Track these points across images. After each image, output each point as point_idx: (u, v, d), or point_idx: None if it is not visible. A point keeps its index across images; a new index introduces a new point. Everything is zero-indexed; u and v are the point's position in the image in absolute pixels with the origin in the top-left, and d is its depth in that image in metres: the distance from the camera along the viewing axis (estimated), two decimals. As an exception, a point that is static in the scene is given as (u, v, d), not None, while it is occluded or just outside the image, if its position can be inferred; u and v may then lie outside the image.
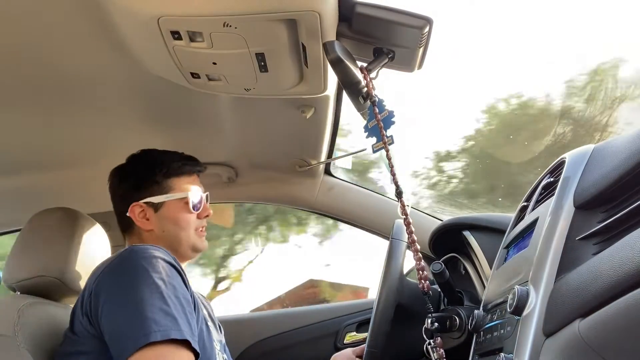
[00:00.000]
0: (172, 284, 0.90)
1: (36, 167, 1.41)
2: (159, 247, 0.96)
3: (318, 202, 1.76)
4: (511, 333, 0.68)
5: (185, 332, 0.84)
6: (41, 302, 1.02)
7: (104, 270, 0.93)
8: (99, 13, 0.86)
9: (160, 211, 1.13)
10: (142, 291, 0.85)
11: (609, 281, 0.47)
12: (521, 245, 0.84)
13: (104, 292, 0.89)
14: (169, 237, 1.13)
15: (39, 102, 1.13)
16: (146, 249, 0.93)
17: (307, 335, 1.77)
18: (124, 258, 0.92)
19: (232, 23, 0.85)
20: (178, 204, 1.14)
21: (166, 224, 1.13)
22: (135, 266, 0.89)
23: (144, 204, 1.13)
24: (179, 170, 1.17)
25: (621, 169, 0.58)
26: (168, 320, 0.83)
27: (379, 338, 1.08)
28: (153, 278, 0.87)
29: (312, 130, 1.34)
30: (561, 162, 0.82)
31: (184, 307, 0.89)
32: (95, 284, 0.91)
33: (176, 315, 0.85)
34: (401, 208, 0.86)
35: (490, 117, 3.21)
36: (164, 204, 1.13)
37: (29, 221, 1.13)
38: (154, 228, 1.13)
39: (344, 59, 0.88)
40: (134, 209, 1.13)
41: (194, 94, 1.12)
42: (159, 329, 0.81)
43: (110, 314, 0.86)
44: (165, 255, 0.94)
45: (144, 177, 1.15)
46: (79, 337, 0.90)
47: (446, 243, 1.42)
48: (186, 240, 1.14)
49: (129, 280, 0.88)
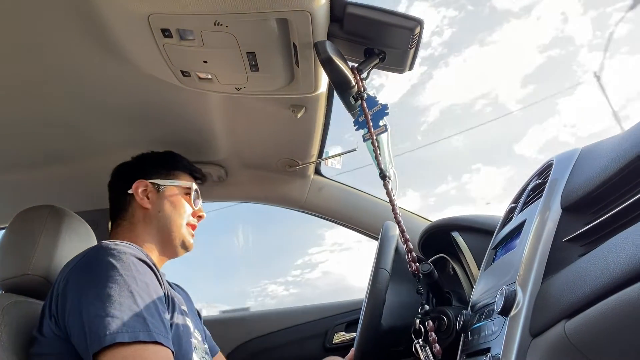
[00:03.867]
0: (144, 281, 0.87)
1: (23, 164, 1.39)
2: (130, 244, 0.94)
3: (308, 202, 1.76)
4: (498, 333, 0.69)
5: (154, 333, 0.81)
6: (26, 300, 1.01)
7: (71, 269, 0.90)
8: (89, 10, 0.85)
9: (162, 192, 1.18)
10: (110, 289, 0.82)
11: (595, 283, 0.47)
12: (509, 246, 0.84)
13: (70, 291, 0.86)
14: (162, 219, 1.14)
15: (27, 99, 1.11)
16: (116, 245, 0.90)
17: (296, 335, 1.76)
18: (92, 255, 0.89)
19: (223, 21, 0.84)
20: (180, 192, 1.20)
21: (165, 204, 1.16)
22: (103, 263, 0.86)
23: (149, 183, 1.18)
24: (184, 168, 1.25)
25: (607, 172, 0.59)
26: (137, 322, 0.81)
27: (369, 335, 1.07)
28: (123, 275, 0.84)
29: (303, 130, 1.34)
30: (549, 164, 0.83)
31: (157, 306, 0.87)
32: (62, 283, 0.88)
33: (146, 314, 0.83)
34: (385, 190, 0.86)
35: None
36: (168, 188, 1.19)
37: (14, 218, 1.12)
38: (151, 207, 1.15)
39: (335, 59, 0.88)
40: (139, 185, 1.17)
41: (184, 92, 1.11)
42: (127, 329, 0.79)
43: (77, 312, 0.82)
44: (136, 252, 0.92)
45: (153, 162, 1.23)
46: (46, 338, 0.87)
47: (435, 244, 1.43)
48: (178, 227, 1.16)
49: (96, 278, 0.84)
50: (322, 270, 8.13)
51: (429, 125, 13.79)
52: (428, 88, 14.50)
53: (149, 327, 0.82)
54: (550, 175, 0.78)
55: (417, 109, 14.10)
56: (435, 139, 10.41)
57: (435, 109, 14.23)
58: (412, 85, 13.63)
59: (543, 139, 11.43)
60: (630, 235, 0.45)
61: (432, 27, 17.05)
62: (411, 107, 13.10)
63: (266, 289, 3.53)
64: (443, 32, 17.15)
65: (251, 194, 1.77)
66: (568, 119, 15.20)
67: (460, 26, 18.06)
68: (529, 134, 13.22)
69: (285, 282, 3.39)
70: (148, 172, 1.20)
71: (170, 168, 1.22)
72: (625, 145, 0.57)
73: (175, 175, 1.22)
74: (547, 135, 11.39)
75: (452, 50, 15.32)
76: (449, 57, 15.47)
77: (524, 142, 12.51)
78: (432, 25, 17.93)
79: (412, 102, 14.33)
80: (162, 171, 1.21)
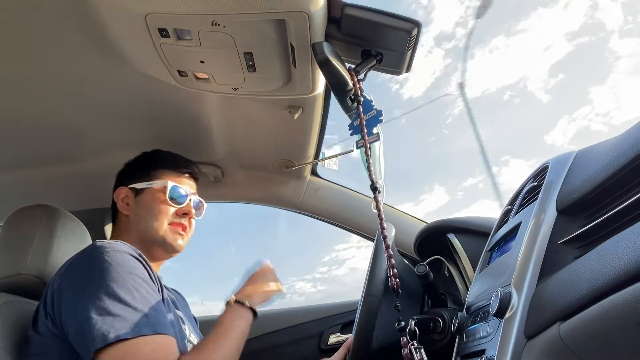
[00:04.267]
0: (139, 276, 0.89)
1: (18, 163, 1.39)
2: (123, 243, 0.95)
3: (304, 203, 1.76)
4: (493, 335, 0.69)
5: (154, 325, 0.84)
6: (20, 300, 1.00)
7: (67, 268, 0.91)
8: (86, 10, 0.85)
9: (139, 197, 1.16)
10: (106, 287, 0.84)
11: (590, 285, 0.48)
12: (504, 248, 0.85)
13: (66, 290, 0.87)
14: (140, 223, 1.13)
15: (23, 98, 1.11)
16: (109, 244, 0.92)
17: (292, 336, 1.76)
18: (86, 254, 0.91)
19: (220, 22, 0.84)
20: (156, 193, 1.15)
21: (140, 209, 1.14)
22: (98, 261, 0.87)
23: (128, 189, 1.17)
24: (166, 165, 1.20)
25: (603, 175, 0.59)
26: (136, 316, 0.83)
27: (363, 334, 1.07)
28: (118, 272, 0.86)
29: (300, 130, 1.34)
30: (545, 167, 0.83)
31: (153, 298, 0.89)
32: (58, 282, 0.89)
33: (144, 308, 0.85)
34: (375, 203, 0.86)
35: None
36: (145, 190, 1.16)
37: (8, 218, 1.11)
38: (130, 213, 1.15)
39: (332, 61, 0.88)
40: (119, 192, 1.18)
41: (181, 92, 1.11)
42: (127, 325, 0.81)
43: (74, 311, 0.84)
44: (128, 249, 0.93)
45: (133, 167, 1.21)
46: (42, 337, 0.87)
47: (431, 246, 1.43)
48: (157, 230, 1.11)
49: (92, 276, 0.86)
50: (349, 267, 8.09)
51: (454, 118, 13.76)
52: (453, 80, 14.52)
53: (149, 320, 0.83)
54: (545, 178, 0.78)
55: (442, 102, 14.12)
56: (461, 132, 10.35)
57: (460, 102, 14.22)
58: (436, 79, 13.70)
59: (574, 128, 11.43)
60: (625, 238, 0.45)
61: (455, 19, 16.95)
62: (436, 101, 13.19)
63: (294, 286, 3.52)
64: (467, 23, 17.06)
65: (247, 194, 1.77)
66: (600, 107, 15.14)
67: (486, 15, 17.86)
68: (559, 125, 13.19)
69: (313, 279, 3.38)
70: (128, 178, 1.19)
71: (149, 169, 1.18)
72: (620, 148, 0.57)
73: (155, 176, 1.17)
74: (578, 125, 11.39)
75: (477, 41, 15.31)
76: (474, 48, 15.44)
77: (555, 133, 12.49)
78: (456, 17, 17.82)
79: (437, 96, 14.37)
80: (139, 174, 1.18)
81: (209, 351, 0.90)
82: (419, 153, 10.59)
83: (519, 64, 14.65)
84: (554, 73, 16.11)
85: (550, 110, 16.38)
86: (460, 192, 8.84)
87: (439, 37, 12.90)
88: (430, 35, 12.74)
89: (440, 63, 13.15)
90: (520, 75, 16.44)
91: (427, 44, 11.91)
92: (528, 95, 16.24)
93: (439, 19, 15.07)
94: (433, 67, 6.27)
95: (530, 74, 16.45)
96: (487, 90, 16.04)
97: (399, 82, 11.19)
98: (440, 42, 13.10)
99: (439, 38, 12.85)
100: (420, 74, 11.26)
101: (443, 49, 5.08)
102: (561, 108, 17.29)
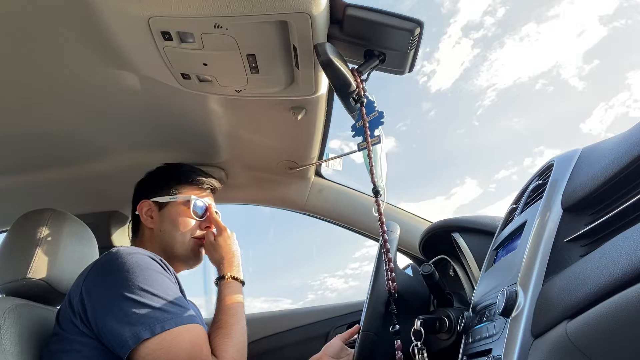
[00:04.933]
0: (161, 276, 0.94)
1: (24, 167, 1.39)
2: (143, 250, 0.99)
3: (308, 204, 1.76)
4: (500, 334, 0.69)
5: (182, 317, 0.89)
6: (27, 304, 1.01)
7: (91, 271, 0.95)
8: (89, 14, 0.85)
9: (163, 210, 1.20)
10: (134, 287, 0.88)
11: (596, 283, 0.47)
12: (510, 247, 0.84)
13: (94, 292, 0.90)
14: (165, 237, 1.17)
15: (29, 103, 1.11)
16: (132, 249, 0.96)
17: (297, 337, 1.76)
18: (111, 257, 0.94)
19: (223, 24, 0.84)
20: (180, 207, 1.20)
21: (165, 223, 1.18)
22: (123, 264, 0.91)
23: (151, 202, 1.20)
24: (190, 179, 1.25)
25: (608, 172, 0.59)
26: (164, 311, 0.88)
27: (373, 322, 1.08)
28: (142, 274, 0.90)
29: (303, 131, 1.34)
30: (549, 165, 0.83)
31: (177, 294, 0.93)
32: (84, 284, 0.92)
33: (170, 303, 0.90)
34: (376, 206, 0.87)
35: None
36: (168, 204, 1.20)
37: (15, 222, 1.12)
38: (154, 226, 1.18)
39: (334, 61, 0.88)
40: (142, 205, 1.20)
41: (184, 94, 1.11)
42: (157, 321, 0.85)
43: (105, 313, 0.87)
44: (151, 255, 0.98)
45: (158, 180, 1.24)
46: (69, 334, 0.90)
47: (436, 245, 1.42)
48: (181, 242, 1.17)
49: (118, 280, 0.90)
50: (379, 263, 8.01)
51: (485, 109, 13.70)
52: (482, 71, 14.40)
53: (176, 313, 0.89)
54: (550, 176, 0.78)
55: (471, 93, 14.06)
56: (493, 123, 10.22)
57: (491, 92, 14.12)
58: (465, 70, 13.67)
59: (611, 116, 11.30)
60: (632, 236, 0.45)
61: (483, 7, 16.78)
62: (465, 92, 13.16)
63: (325, 283, 3.51)
64: (496, 11, 16.81)
65: (252, 196, 1.77)
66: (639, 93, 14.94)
67: (515, 3, 17.66)
68: (595, 112, 13.04)
69: (345, 275, 3.35)
70: (151, 191, 1.22)
71: (173, 183, 1.23)
72: (625, 145, 0.57)
73: (178, 190, 1.22)
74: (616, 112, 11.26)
75: (507, 30, 15.16)
76: (503, 36, 15.32)
77: (591, 121, 12.33)
78: (484, 5, 17.60)
79: (466, 87, 14.27)
80: (163, 188, 1.22)
81: (230, 326, 1.01)
82: (449, 146, 10.49)
83: (551, 51, 14.44)
84: (588, 59, 15.83)
85: (585, 97, 16.12)
86: (492, 184, 8.77)
87: (467, 27, 12.80)
88: (458, 26, 12.64)
89: (469, 53, 13.02)
90: (553, 62, 16.13)
91: (454, 35, 11.80)
92: (562, 82, 16.03)
93: (466, 8, 14.96)
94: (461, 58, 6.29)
95: (564, 61, 16.16)
96: (519, 80, 15.78)
97: (426, 75, 11.10)
98: (468, 32, 13.00)
99: (467, 28, 12.77)
100: (448, 66, 11.11)
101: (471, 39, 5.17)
102: (597, 95, 17.02)
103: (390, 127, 1.40)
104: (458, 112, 12.78)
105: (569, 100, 15.15)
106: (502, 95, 14.98)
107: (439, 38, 11.63)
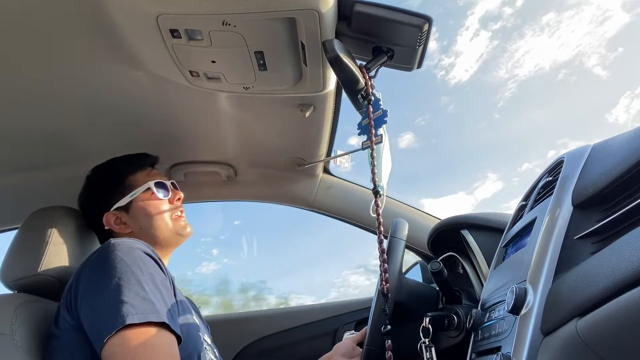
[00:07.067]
0: (150, 272, 0.93)
1: (35, 164, 1.41)
2: (137, 240, 0.98)
3: (317, 201, 1.76)
4: (509, 332, 0.68)
5: (162, 315, 0.86)
6: (38, 300, 1.02)
7: (83, 264, 0.95)
8: (97, 11, 0.86)
9: (131, 210, 1.17)
10: (118, 279, 0.87)
11: (607, 280, 0.47)
12: (519, 244, 0.84)
13: (82, 284, 0.90)
14: (147, 230, 1.15)
15: (37, 101, 1.12)
16: (124, 242, 0.95)
17: (306, 333, 1.77)
18: (102, 251, 0.94)
19: (231, 21, 0.85)
20: (144, 198, 1.17)
21: (141, 220, 1.16)
22: (112, 257, 0.91)
23: (114, 211, 1.16)
24: (131, 169, 1.21)
25: (619, 168, 0.58)
26: (145, 305, 0.86)
27: (377, 336, 1.08)
28: (130, 267, 0.89)
29: (311, 128, 1.34)
30: (560, 161, 0.82)
31: (162, 293, 0.92)
32: (74, 277, 0.93)
33: (153, 300, 0.88)
34: (375, 206, 0.86)
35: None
36: (132, 202, 1.17)
37: (27, 219, 1.13)
38: (132, 229, 1.16)
39: (343, 58, 0.88)
40: (108, 218, 1.16)
41: (192, 92, 1.11)
42: (137, 312, 0.83)
43: (88, 302, 0.87)
44: (142, 247, 0.97)
45: (104, 186, 1.19)
46: (61, 330, 0.91)
47: (445, 242, 1.42)
48: (165, 227, 1.16)
49: (105, 270, 0.89)
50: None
51: (506, 101, 13.59)
52: (502, 62, 14.25)
53: (157, 309, 0.86)
54: (561, 173, 0.77)
55: (491, 85, 13.95)
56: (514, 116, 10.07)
57: (511, 84, 13.98)
58: (483, 62, 13.53)
59: (638, 104, 11.07)
60: (643, 233, 0.45)
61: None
62: (485, 85, 13.04)
63: (348, 279, 3.51)
64: (515, 1, 16.56)
65: (260, 193, 1.78)
66: None
67: None
68: (621, 102, 12.75)
69: (366, 272, 3.35)
70: (104, 202, 1.17)
71: (121, 180, 1.19)
72: (637, 142, 0.56)
73: (130, 185, 1.18)
74: None
75: (527, 20, 14.93)
76: (522, 27, 15.08)
77: (616, 110, 12.08)
78: None
79: (486, 79, 14.13)
80: (116, 191, 1.17)
81: None
82: (470, 140, 10.37)
83: (573, 40, 14.15)
84: (612, 47, 15.49)
85: (610, 86, 15.77)
86: (515, 177, 8.66)
87: (485, 18, 12.62)
88: (475, 18, 12.48)
89: (488, 45, 12.85)
90: (576, 52, 15.78)
91: (472, 27, 11.64)
92: (585, 72, 15.70)
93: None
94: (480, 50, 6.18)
95: (586, 49, 15.82)
96: (540, 70, 15.50)
97: (444, 69, 10.99)
98: (486, 23, 12.82)
99: (485, 19, 12.59)
100: (467, 58, 10.94)
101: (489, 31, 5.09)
102: (622, 84, 16.63)
103: (408, 122, 1.40)
104: (478, 105, 12.60)
105: (593, 90, 14.81)
106: (523, 87, 14.73)
107: (456, 31, 11.50)
